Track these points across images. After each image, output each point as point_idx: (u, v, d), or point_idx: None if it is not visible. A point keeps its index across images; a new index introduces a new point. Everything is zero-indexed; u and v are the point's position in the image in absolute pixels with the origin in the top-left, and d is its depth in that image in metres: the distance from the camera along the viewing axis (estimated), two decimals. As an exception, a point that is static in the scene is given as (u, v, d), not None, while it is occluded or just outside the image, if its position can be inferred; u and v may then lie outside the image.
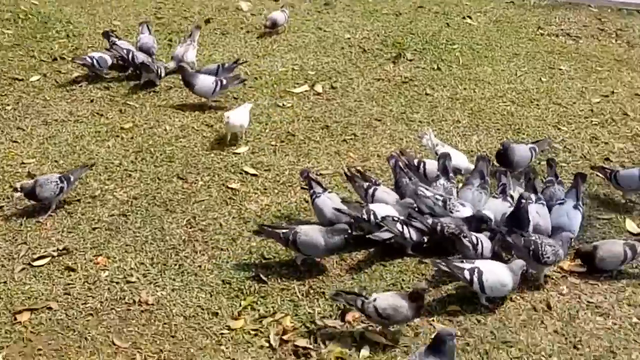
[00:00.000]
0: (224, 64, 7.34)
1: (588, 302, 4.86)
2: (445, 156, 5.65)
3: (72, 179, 5.64)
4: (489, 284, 4.72)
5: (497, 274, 4.75)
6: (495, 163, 5.94)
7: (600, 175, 5.93)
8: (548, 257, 4.87)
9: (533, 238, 4.95)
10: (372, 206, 5.30)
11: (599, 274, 5.05)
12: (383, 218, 5.15)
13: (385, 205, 5.33)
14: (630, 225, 5.56)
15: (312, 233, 5.01)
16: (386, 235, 5.15)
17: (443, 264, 4.80)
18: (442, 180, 5.55)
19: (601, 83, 7.55)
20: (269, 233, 5.11)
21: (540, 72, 7.78)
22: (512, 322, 4.68)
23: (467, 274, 4.73)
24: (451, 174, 5.60)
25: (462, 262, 4.84)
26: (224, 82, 6.94)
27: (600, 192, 5.95)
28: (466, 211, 5.28)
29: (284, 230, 5.05)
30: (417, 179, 5.57)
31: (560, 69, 7.82)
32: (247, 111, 6.59)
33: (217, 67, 7.30)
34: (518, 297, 4.86)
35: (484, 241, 5.05)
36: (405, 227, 5.11)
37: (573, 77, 7.68)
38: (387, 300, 4.48)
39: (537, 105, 7.17)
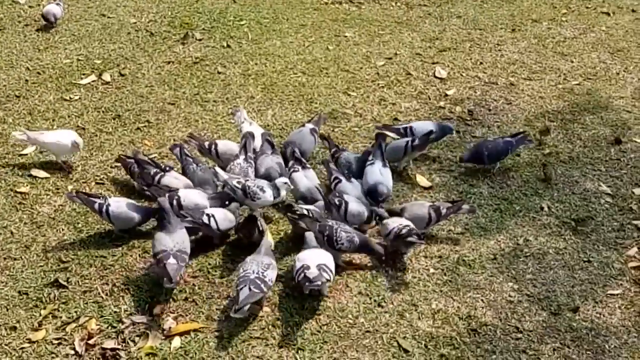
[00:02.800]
0: None
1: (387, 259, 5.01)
2: (248, 136, 5.63)
3: None
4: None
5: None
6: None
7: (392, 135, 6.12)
8: (342, 244, 4.85)
9: (329, 223, 4.92)
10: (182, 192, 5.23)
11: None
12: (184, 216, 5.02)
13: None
14: (421, 180, 5.81)
15: (123, 204, 5.15)
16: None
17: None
18: (239, 160, 5.54)
19: (384, 46, 7.81)
20: (84, 200, 5.18)
21: (327, 40, 7.93)
22: (319, 290, 4.78)
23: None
24: (249, 154, 5.58)
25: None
26: None
27: (392, 152, 6.18)
28: (268, 195, 5.19)
29: (99, 200, 5.16)
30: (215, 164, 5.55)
31: (345, 36, 8.00)
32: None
33: None
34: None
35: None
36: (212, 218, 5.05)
37: (358, 42, 7.89)
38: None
39: (327, 73, 7.31)
